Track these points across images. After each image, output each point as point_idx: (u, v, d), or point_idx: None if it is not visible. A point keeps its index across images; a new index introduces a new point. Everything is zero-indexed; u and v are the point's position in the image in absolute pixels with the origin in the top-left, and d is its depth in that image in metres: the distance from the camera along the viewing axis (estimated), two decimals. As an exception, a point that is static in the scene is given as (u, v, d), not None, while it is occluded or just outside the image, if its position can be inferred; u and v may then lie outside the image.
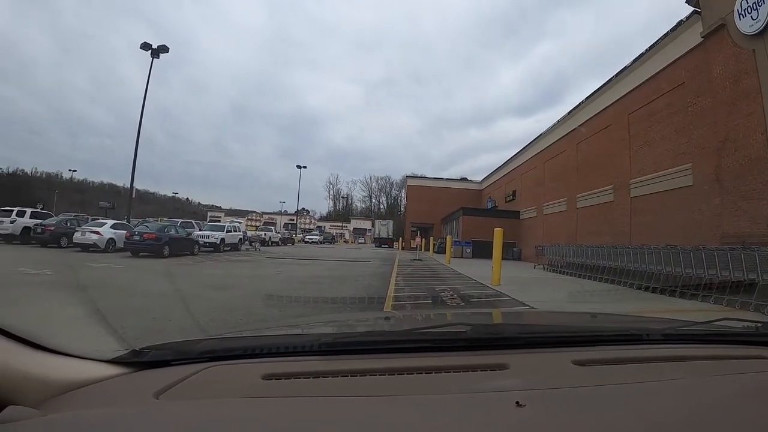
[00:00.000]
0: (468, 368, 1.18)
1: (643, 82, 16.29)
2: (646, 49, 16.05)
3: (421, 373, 1.15)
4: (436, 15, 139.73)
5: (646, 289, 11.34)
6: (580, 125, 21.69)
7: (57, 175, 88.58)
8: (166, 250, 18.28)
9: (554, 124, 25.79)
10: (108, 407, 1.00)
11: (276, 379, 1.11)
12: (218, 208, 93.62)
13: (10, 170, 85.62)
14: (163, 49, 25.97)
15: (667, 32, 14.77)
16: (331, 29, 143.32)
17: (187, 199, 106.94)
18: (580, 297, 10.45)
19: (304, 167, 65.84)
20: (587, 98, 21.30)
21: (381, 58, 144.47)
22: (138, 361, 1.23)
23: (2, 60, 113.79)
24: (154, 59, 25.71)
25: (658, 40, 15.34)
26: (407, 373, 1.14)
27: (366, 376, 1.14)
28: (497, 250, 12.30)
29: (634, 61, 16.92)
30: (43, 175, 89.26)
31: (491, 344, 1.35)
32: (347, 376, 1.13)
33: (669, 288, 10.58)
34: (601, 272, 14.26)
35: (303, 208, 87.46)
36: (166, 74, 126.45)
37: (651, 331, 1.53)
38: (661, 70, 15.24)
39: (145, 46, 25.68)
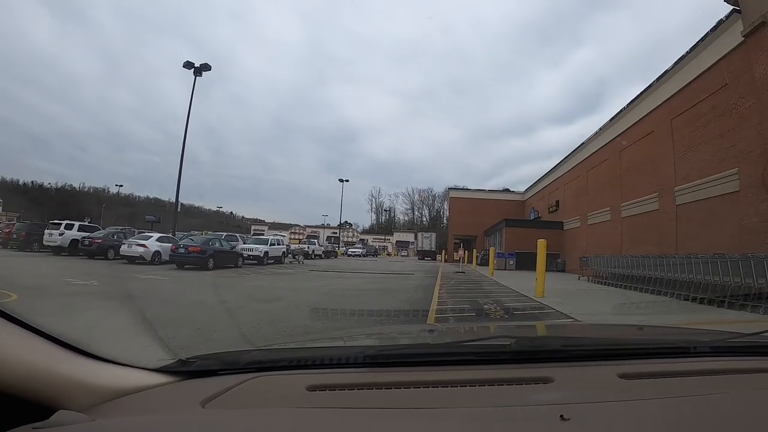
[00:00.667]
0: (512, 381, 1.18)
1: (685, 86, 15.75)
2: (687, 51, 15.55)
3: (465, 386, 1.14)
4: (472, 24, 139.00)
5: (693, 300, 10.96)
6: (621, 133, 21.17)
7: (104, 189, 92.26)
8: (211, 263, 18.45)
9: (596, 132, 25.22)
10: (156, 414, 1.03)
11: (321, 390, 1.12)
12: (262, 222, 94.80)
13: (59, 185, 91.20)
14: (206, 67, 26.68)
15: (707, 33, 14.30)
16: (368, 42, 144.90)
17: (231, 212, 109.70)
18: (625, 309, 10.15)
19: (347, 180, 66.42)
20: (629, 104, 20.76)
21: (419, 69, 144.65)
22: (184, 370, 1.26)
23: (49, 79, 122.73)
24: (197, 77, 26.33)
25: (698, 41, 14.85)
26: (451, 386, 1.14)
27: (410, 388, 1.13)
28: (541, 262, 12.08)
29: (675, 64, 16.40)
30: (91, 190, 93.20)
31: (535, 357, 1.34)
32: (391, 388, 1.13)
33: (717, 298, 10.15)
34: (647, 283, 13.84)
35: (346, 221, 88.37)
36: (208, 91, 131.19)
37: (698, 343, 1.50)
38: (702, 73, 14.72)
39: (188, 64, 26.40)
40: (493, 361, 1.31)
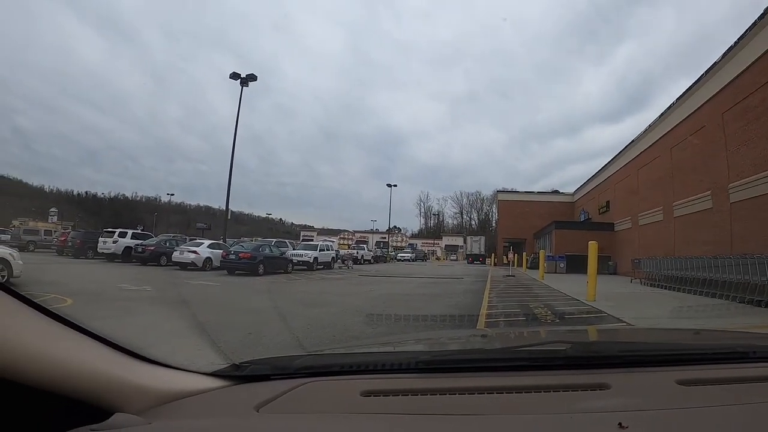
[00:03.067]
0: (568, 387, 1.15)
1: (735, 78, 15.02)
2: (735, 42, 14.85)
3: (521, 392, 1.13)
4: (513, 24, 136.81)
5: (750, 302, 10.57)
6: (671, 129, 20.42)
7: (156, 198, 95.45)
8: (261, 269, 18.66)
9: (645, 129, 24.28)
10: (211, 418, 1.04)
11: (375, 395, 1.11)
12: (311, 228, 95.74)
13: (112, 195, 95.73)
14: (252, 77, 27.23)
15: (755, 22, 13.62)
16: (409, 47, 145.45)
17: (281, 219, 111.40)
18: (679, 312, 9.86)
19: (395, 185, 66.41)
20: (678, 99, 19.90)
21: (462, 72, 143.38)
22: (238, 375, 1.26)
23: (101, 95, 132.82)
24: (243, 87, 26.95)
25: (745, 31, 14.15)
26: (506, 392, 1.13)
27: (464, 395, 1.12)
28: (592, 265, 11.87)
29: (724, 55, 15.66)
30: (143, 199, 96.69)
31: (591, 363, 1.31)
32: (445, 394, 1.12)
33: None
34: (701, 285, 13.36)
35: (394, 226, 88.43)
36: (254, 101, 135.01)
37: (759, 348, 1.45)
38: (752, 63, 14.00)
39: (234, 75, 27.06)
40: (547, 367, 1.29)
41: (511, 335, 1.84)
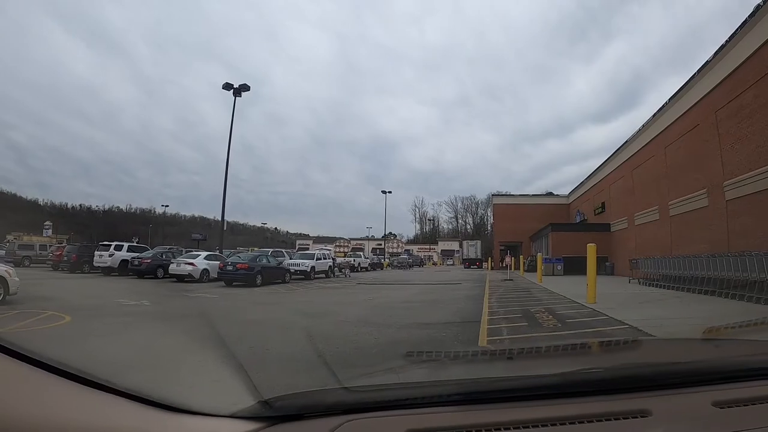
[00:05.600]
0: (611, 416, 1.10)
1: (728, 76, 15.20)
2: (726, 41, 15.02)
3: (565, 424, 1.09)
4: (501, 27, 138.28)
5: (749, 299, 10.62)
6: (665, 129, 20.56)
7: (150, 210, 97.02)
8: (259, 280, 18.48)
9: (639, 129, 24.47)
10: None
11: None
12: (306, 236, 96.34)
13: (106, 207, 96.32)
14: (245, 88, 27.29)
15: (745, 20, 13.79)
16: (399, 53, 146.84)
17: (275, 228, 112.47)
18: (678, 311, 9.86)
19: (389, 192, 66.83)
20: (671, 99, 20.09)
21: (452, 77, 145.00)
22: (266, 416, 1.13)
23: (92, 108, 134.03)
24: (236, 98, 27.06)
25: (736, 29, 14.34)
26: (551, 425, 1.08)
27: (510, 429, 1.07)
28: (591, 268, 11.85)
29: (716, 54, 15.86)
30: (137, 211, 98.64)
31: (627, 387, 1.25)
32: (491, 430, 1.06)
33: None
34: (700, 283, 13.45)
35: (390, 233, 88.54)
36: (246, 111, 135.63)
37: None
38: (744, 61, 14.17)
39: (227, 86, 27.05)
40: (584, 393, 1.22)
41: (541, 348, 1.65)
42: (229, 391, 1.43)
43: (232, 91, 27.22)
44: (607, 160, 31.53)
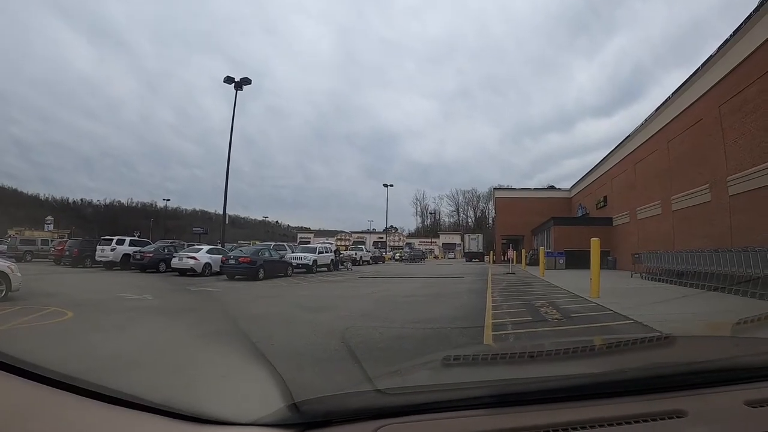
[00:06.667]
0: (647, 417, 1.10)
1: (732, 70, 15.08)
2: (730, 35, 14.91)
3: (603, 426, 1.07)
4: (503, 20, 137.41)
5: (752, 295, 10.59)
6: (668, 123, 20.45)
7: (151, 204, 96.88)
8: (261, 273, 18.46)
9: (642, 123, 24.38)
10: None
11: None
12: (307, 230, 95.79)
13: (108, 201, 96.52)
14: (246, 81, 27.26)
15: (749, 15, 13.68)
16: (400, 46, 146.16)
17: (277, 222, 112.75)
18: (682, 306, 9.82)
19: (391, 185, 66.66)
20: (674, 93, 19.99)
21: (454, 70, 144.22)
22: (293, 423, 1.08)
23: (94, 102, 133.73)
24: (238, 91, 27.05)
25: (740, 24, 14.22)
26: (590, 427, 1.06)
27: None
28: (595, 263, 11.80)
29: (719, 48, 15.74)
30: (139, 205, 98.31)
31: (658, 387, 1.24)
32: None
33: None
34: (702, 279, 13.38)
35: (391, 226, 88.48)
36: (247, 104, 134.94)
37: None
38: (749, 56, 14.05)
39: (229, 79, 27.00)
40: (616, 393, 1.21)
41: (570, 349, 1.60)
42: (253, 393, 1.35)
43: (233, 84, 27.10)
44: (609, 154, 31.43)
